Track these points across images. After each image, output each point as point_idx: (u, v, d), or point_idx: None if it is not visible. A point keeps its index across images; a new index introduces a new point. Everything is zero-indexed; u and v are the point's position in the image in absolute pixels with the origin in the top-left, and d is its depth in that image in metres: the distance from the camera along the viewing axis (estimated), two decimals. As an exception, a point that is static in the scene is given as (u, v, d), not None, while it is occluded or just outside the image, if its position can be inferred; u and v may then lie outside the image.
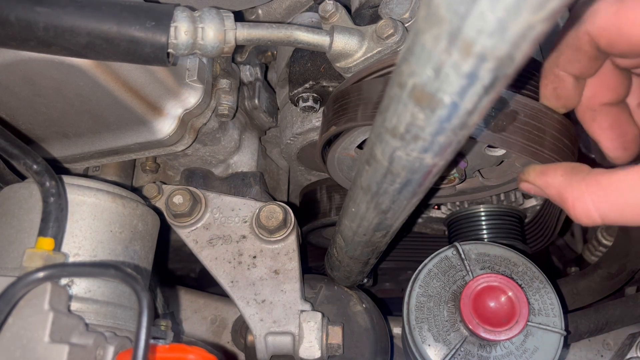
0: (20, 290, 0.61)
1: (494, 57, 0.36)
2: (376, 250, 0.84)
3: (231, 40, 0.83)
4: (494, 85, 0.39)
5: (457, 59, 0.36)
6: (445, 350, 0.89)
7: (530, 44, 0.35)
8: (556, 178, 0.64)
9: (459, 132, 0.45)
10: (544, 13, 0.33)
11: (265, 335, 0.90)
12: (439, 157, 0.49)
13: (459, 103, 0.40)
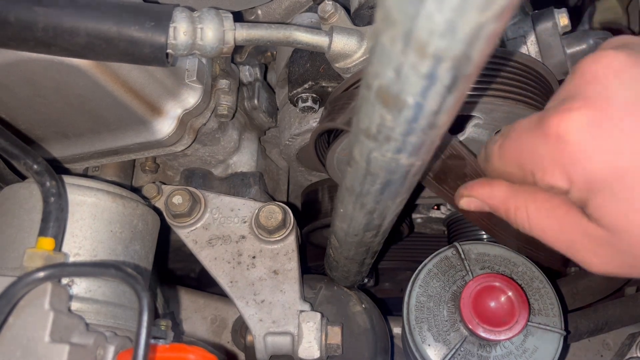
0: (20, 290, 0.61)
1: (450, 58, 0.36)
2: (370, 250, 0.84)
3: (230, 40, 0.83)
4: (456, 85, 0.39)
5: (414, 60, 0.36)
6: (445, 350, 0.89)
7: (486, 43, 0.35)
8: (501, 189, 0.67)
9: (429, 132, 0.45)
10: (492, 12, 0.33)
11: (265, 335, 0.90)
12: (415, 158, 0.50)
13: (423, 103, 0.40)
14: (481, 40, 0.35)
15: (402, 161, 0.50)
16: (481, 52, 0.36)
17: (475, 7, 0.32)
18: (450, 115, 0.43)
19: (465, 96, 0.42)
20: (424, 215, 1.35)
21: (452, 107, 0.42)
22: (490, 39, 0.35)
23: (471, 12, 0.32)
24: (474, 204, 0.71)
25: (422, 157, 0.51)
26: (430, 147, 0.49)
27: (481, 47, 0.35)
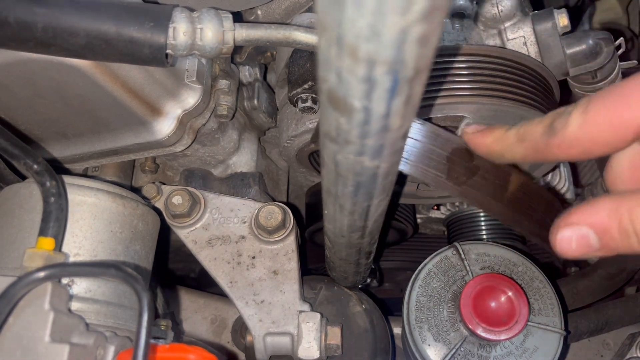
0: (20, 290, 0.61)
1: (383, 61, 0.36)
2: (362, 251, 0.83)
3: (230, 41, 0.83)
4: (399, 89, 0.38)
5: (349, 64, 0.36)
6: (445, 350, 0.89)
7: (419, 46, 0.35)
8: (604, 201, 0.57)
9: (386, 135, 0.45)
10: (414, 15, 0.32)
11: (264, 335, 0.90)
12: (379, 160, 0.49)
13: (370, 107, 0.40)
14: (411, 44, 0.34)
15: (366, 164, 0.50)
16: (416, 55, 0.36)
17: (394, 10, 0.32)
18: (405, 118, 0.43)
19: (418, 99, 0.42)
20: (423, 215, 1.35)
21: (404, 110, 0.42)
22: (422, 42, 0.35)
23: (391, 15, 0.32)
24: (577, 236, 0.58)
25: (388, 159, 0.50)
26: (393, 149, 0.48)
27: (414, 50, 0.35)
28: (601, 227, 0.56)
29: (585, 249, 0.57)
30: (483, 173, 0.75)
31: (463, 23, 0.90)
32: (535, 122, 0.63)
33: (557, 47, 0.88)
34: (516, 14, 0.88)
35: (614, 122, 0.55)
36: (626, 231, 0.54)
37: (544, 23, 0.88)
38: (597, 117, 0.55)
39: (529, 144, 0.63)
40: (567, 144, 0.58)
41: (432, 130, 0.75)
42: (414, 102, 0.42)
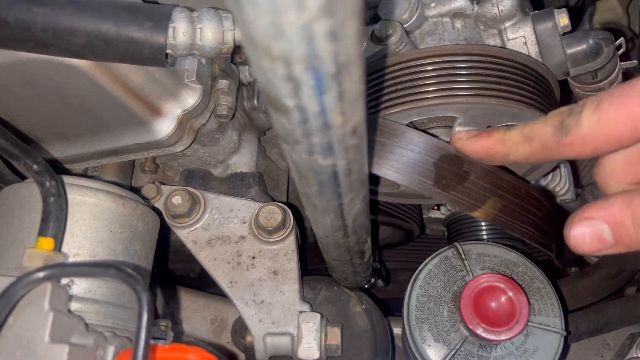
0: (20, 290, 0.61)
1: (298, 59, 0.36)
2: (352, 251, 0.83)
3: (230, 40, 0.83)
4: (325, 86, 0.38)
5: (267, 64, 0.36)
6: (446, 350, 0.89)
7: (333, 42, 0.35)
8: (616, 197, 0.58)
9: (329, 132, 0.45)
10: (311, 12, 0.32)
11: (264, 336, 0.90)
12: (333, 158, 0.49)
13: (303, 105, 0.40)
14: (321, 39, 0.34)
15: (320, 162, 0.50)
16: (331, 50, 0.35)
17: (289, 8, 0.32)
18: (346, 114, 0.43)
19: (356, 94, 0.42)
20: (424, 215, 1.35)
21: (341, 107, 0.42)
22: (333, 37, 0.34)
23: (287, 13, 0.32)
24: (591, 231, 0.58)
25: (343, 157, 0.50)
26: (344, 146, 0.48)
27: (326, 45, 0.35)
28: (615, 220, 0.56)
29: (600, 245, 0.58)
30: (474, 179, 0.75)
31: (463, 23, 0.90)
32: (541, 122, 0.63)
33: (557, 47, 0.88)
34: (516, 13, 0.88)
35: (630, 118, 0.55)
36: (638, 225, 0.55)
37: (545, 23, 0.88)
38: (611, 114, 0.56)
39: (537, 144, 0.63)
40: (580, 142, 0.59)
41: (418, 137, 0.76)
42: (351, 98, 0.42)
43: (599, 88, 0.95)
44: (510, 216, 0.78)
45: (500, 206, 0.78)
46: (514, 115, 0.80)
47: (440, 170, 0.75)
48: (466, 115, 0.81)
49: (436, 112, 0.81)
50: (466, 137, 0.73)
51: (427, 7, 0.90)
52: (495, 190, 0.77)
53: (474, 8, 0.90)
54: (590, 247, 0.58)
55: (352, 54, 0.38)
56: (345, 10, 0.34)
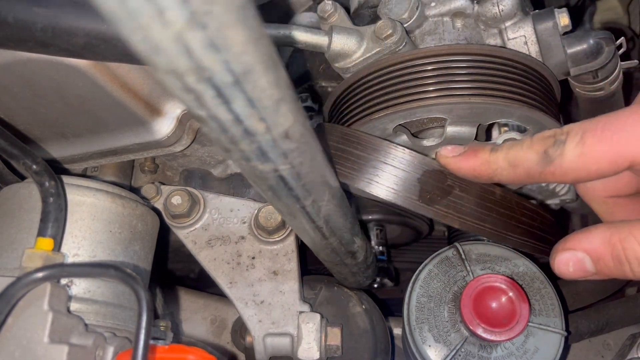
0: (19, 290, 0.61)
1: (185, 72, 0.36)
2: (339, 252, 0.83)
3: (230, 40, 0.83)
4: (228, 95, 0.39)
5: (164, 77, 0.37)
6: (446, 350, 0.89)
7: (216, 52, 0.35)
8: (598, 229, 0.62)
9: (256, 139, 0.45)
10: (178, 25, 0.32)
11: (264, 336, 0.90)
12: (272, 163, 0.50)
13: (215, 115, 0.41)
14: (201, 50, 0.34)
15: (260, 168, 0.51)
16: (218, 60, 0.36)
17: (152, 23, 0.32)
18: (267, 120, 0.44)
19: (271, 99, 0.42)
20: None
21: (257, 113, 0.42)
22: (214, 47, 0.35)
23: (153, 28, 0.32)
24: (574, 261, 0.63)
25: (283, 162, 0.51)
26: (280, 151, 0.49)
27: (210, 56, 0.35)
28: (596, 254, 0.61)
29: (582, 273, 0.63)
30: (458, 192, 0.76)
31: (464, 22, 0.90)
32: (526, 148, 0.65)
33: (557, 46, 0.88)
34: (517, 13, 0.88)
35: (610, 156, 0.58)
36: (619, 259, 0.59)
37: (545, 22, 0.88)
38: (594, 151, 0.58)
39: (522, 171, 0.66)
40: (562, 172, 0.62)
41: (402, 153, 0.76)
42: (266, 104, 0.42)
43: (600, 88, 0.94)
44: (500, 227, 0.79)
45: (488, 218, 0.78)
46: (501, 112, 0.80)
47: (424, 185, 0.76)
48: (452, 116, 0.81)
49: (420, 114, 0.81)
50: (451, 154, 0.74)
51: (427, 6, 0.90)
52: (481, 202, 0.77)
53: (474, 7, 0.89)
54: (573, 275, 0.64)
55: (249, 62, 0.38)
56: (219, 21, 0.34)
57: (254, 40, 0.37)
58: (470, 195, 0.76)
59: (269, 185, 0.56)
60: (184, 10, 0.32)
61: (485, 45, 0.87)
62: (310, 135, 0.53)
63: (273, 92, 0.42)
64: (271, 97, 0.42)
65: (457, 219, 0.76)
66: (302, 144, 0.51)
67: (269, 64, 0.40)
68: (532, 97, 0.80)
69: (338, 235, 0.77)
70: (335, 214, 0.71)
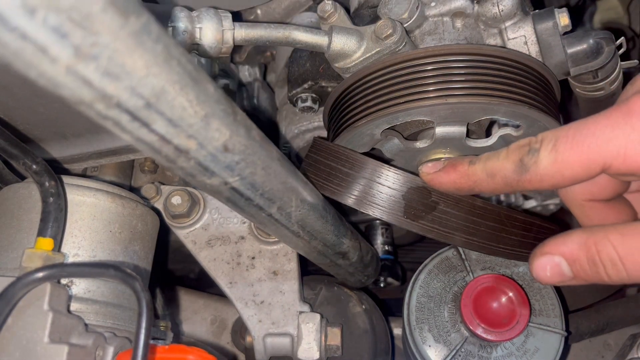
0: (19, 290, 0.61)
1: (92, 101, 0.37)
2: (328, 254, 0.84)
3: (229, 40, 0.83)
4: (144, 118, 0.40)
5: (76, 106, 0.38)
6: (446, 351, 0.89)
7: (115, 81, 0.36)
8: (575, 234, 0.64)
9: (191, 155, 0.47)
10: (65, 61, 0.33)
11: (264, 336, 0.90)
12: (219, 177, 0.52)
13: (140, 137, 0.42)
14: (99, 81, 0.36)
15: (208, 182, 0.52)
16: (122, 87, 0.37)
17: (40, 59, 0.33)
18: (199, 136, 0.45)
19: (188, 119, 0.43)
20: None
21: (183, 132, 0.44)
22: (114, 76, 0.36)
23: (42, 65, 0.33)
24: (551, 265, 0.65)
25: (231, 174, 0.52)
26: (222, 166, 0.50)
27: (111, 85, 0.36)
28: (572, 257, 0.63)
29: (559, 277, 0.65)
30: (443, 207, 0.76)
31: (464, 22, 0.90)
32: (502, 158, 0.67)
33: (558, 46, 0.88)
34: (517, 13, 0.88)
35: (582, 162, 0.59)
36: (594, 261, 0.61)
37: (545, 22, 0.88)
38: (566, 157, 0.60)
39: (500, 180, 0.67)
40: (539, 179, 0.63)
41: (386, 170, 0.77)
42: (190, 122, 0.43)
43: (600, 88, 0.94)
44: (490, 240, 0.79)
45: (475, 231, 0.78)
46: (484, 110, 0.79)
47: (408, 202, 0.77)
48: (435, 117, 0.81)
49: (403, 118, 0.81)
50: (432, 170, 0.75)
51: (427, 6, 0.90)
52: (467, 217, 0.77)
53: (474, 7, 0.89)
54: (551, 280, 0.65)
55: (158, 84, 0.39)
56: (110, 50, 0.35)
57: (160, 62, 0.38)
58: (455, 210, 0.77)
59: (226, 198, 0.57)
60: (65, 45, 0.32)
61: (458, 44, 0.87)
62: (259, 145, 0.54)
63: (197, 109, 0.43)
64: (196, 115, 0.43)
65: (443, 233, 0.77)
66: (248, 155, 0.52)
67: (187, 82, 0.41)
68: (516, 92, 0.79)
69: (320, 238, 0.78)
70: (311, 218, 0.72)
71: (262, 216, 0.65)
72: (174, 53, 0.40)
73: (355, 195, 0.78)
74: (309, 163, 0.85)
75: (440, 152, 0.88)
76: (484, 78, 0.78)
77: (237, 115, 0.50)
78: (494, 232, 0.79)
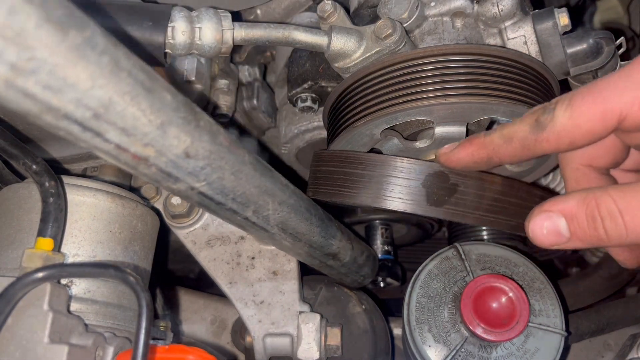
0: (19, 290, 0.61)
1: (41, 112, 0.38)
2: (317, 255, 0.85)
3: (229, 40, 0.83)
4: (95, 129, 0.41)
5: (29, 117, 0.39)
6: (446, 351, 0.89)
7: (54, 94, 0.37)
8: (574, 194, 0.62)
9: (151, 162, 0.48)
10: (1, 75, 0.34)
11: (264, 336, 0.90)
12: (182, 182, 0.53)
13: (96, 146, 0.43)
14: (41, 93, 0.37)
15: (174, 187, 0.53)
16: (66, 99, 0.38)
17: None
18: (156, 144, 0.46)
19: (153, 125, 0.45)
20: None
21: (138, 140, 0.44)
22: (53, 89, 0.37)
23: None
24: (548, 223, 0.63)
25: (197, 179, 0.53)
26: (189, 170, 0.51)
27: (54, 98, 0.37)
28: (570, 213, 0.61)
29: (556, 237, 0.63)
30: (463, 188, 0.76)
31: (463, 22, 0.90)
32: (518, 122, 0.66)
33: (557, 46, 0.88)
34: (516, 13, 0.88)
35: (599, 113, 0.59)
36: (593, 216, 0.60)
37: (545, 22, 0.88)
38: (582, 107, 0.60)
39: (517, 143, 0.66)
40: (556, 136, 0.62)
41: (400, 163, 0.76)
42: (144, 130, 0.44)
43: (600, 88, 0.94)
44: (514, 216, 0.78)
45: (498, 209, 0.78)
46: (483, 110, 0.79)
47: (429, 189, 0.76)
48: (435, 117, 0.81)
49: (402, 118, 0.81)
50: (449, 149, 0.74)
51: (427, 6, 0.90)
52: (486, 194, 0.77)
53: (474, 7, 0.89)
54: (547, 240, 0.63)
55: (105, 95, 0.39)
56: (50, 64, 0.36)
57: (107, 73, 0.39)
58: (476, 188, 0.76)
59: (197, 202, 0.58)
60: (0, 61, 0.33)
61: (457, 44, 0.87)
62: (227, 151, 0.54)
63: (152, 118, 0.44)
64: (151, 123, 0.44)
65: (469, 214, 0.76)
66: (214, 161, 0.53)
67: (139, 91, 0.42)
68: (514, 92, 0.79)
69: (305, 240, 0.78)
70: (292, 220, 0.73)
71: (237, 219, 0.65)
72: (123, 65, 0.40)
73: (373, 194, 0.78)
74: (317, 176, 0.85)
75: None
76: (482, 78, 0.78)
77: (201, 122, 0.50)
78: (518, 208, 0.78)
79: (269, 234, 0.71)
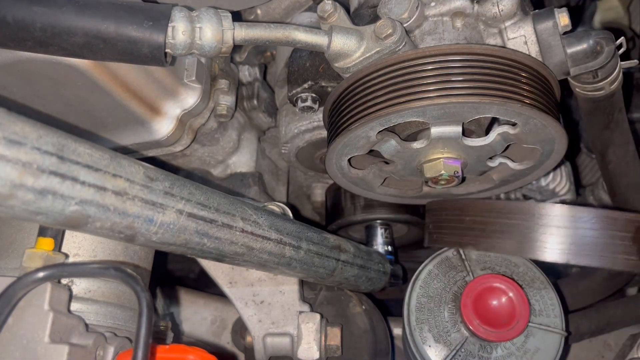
0: (20, 290, 0.61)
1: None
2: (310, 273, 0.86)
3: (229, 40, 0.83)
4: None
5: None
6: (446, 351, 0.89)
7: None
8: None
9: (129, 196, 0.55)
10: None
11: (264, 336, 0.90)
12: (160, 212, 0.58)
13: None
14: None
15: (165, 219, 0.59)
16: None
17: None
18: (111, 181, 0.54)
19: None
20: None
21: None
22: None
23: None
24: None
25: (171, 199, 0.60)
26: (157, 195, 0.58)
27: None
28: None
29: None
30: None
31: (464, 22, 0.90)
32: None
33: (557, 46, 0.88)
34: (517, 13, 0.88)
35: None
36: None
37: (545, 22, 0.88)
38: None
39: None
40: None
41: (605, 216, 0.74)
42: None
43: (600, 88, 0.94)
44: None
45: None
46: (476, 109, 0.79)
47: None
48: (428, 117, 0.80)
49: (396, 120, 0.81)
50: None
51: (427, 6, 0.90)
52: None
53: (474, 7, 0.89)
54: None
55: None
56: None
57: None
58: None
59: (195, 232, 0.64)
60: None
61: (448, 44, 0.86)
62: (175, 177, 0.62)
63: (100, 153, 0.53)
64: (103, 158, 0.53)
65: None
66: (175, 179, 0.61)
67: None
68: (506, 90, 0.78)
69: (284, 258, 0.81)
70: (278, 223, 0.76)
71: (236, 235, 0.69)
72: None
73: (537, 246, 0.78)
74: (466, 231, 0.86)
75: (438, 152, 0.88)
76: (474, 77, 0.78)
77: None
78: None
79: (239, 254, 0.74)
